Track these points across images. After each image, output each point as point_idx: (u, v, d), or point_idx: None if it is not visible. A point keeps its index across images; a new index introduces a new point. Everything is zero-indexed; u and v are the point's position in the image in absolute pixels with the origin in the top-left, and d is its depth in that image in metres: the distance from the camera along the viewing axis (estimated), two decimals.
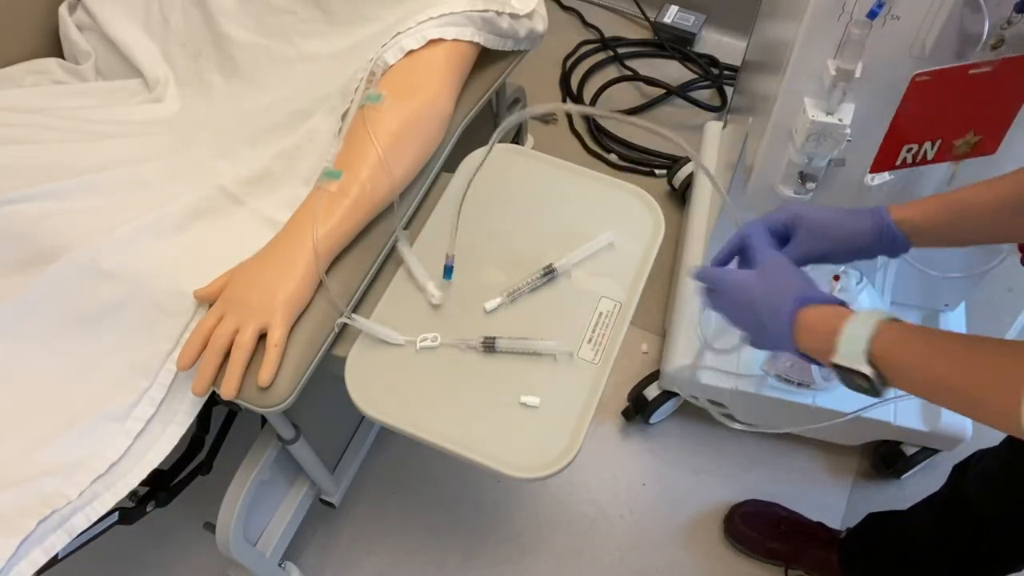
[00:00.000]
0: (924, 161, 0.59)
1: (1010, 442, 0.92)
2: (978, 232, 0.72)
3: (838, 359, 0.62)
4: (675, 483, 1.41)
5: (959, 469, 1.03)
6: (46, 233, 0.85)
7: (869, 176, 0.93)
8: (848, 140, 0.90)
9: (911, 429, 1.26)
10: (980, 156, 0.58)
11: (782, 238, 0.77)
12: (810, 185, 0.98)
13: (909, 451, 1.33)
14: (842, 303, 0.66)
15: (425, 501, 1.39)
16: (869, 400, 0.63)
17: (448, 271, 0.90)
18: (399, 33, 0.92)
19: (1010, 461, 0.92)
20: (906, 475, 1.38)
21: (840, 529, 1.28)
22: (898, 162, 0.59)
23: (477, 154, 1.04)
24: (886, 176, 0.93)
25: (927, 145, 0.58)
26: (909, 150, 0.58)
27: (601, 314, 0.90)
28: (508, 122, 0.78)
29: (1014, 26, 0.79)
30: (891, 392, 0.62)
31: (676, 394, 1.37)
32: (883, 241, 0.72)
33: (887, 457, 1.36)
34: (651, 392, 1.38)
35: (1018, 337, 1.21)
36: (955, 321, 1.34)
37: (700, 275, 0.77)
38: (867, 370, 0.60)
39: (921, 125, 0.56)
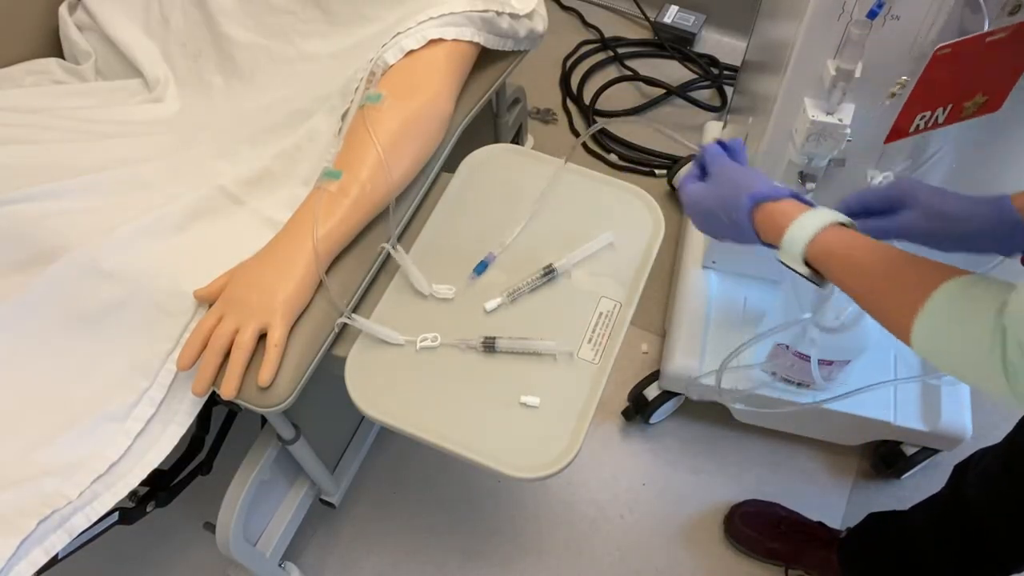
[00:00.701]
0: (935, 125, 0.60)
1: (1010, 441, 0.92)
2: None
3: (781, 257, 0.68)
4: (675, 483, 1.41)
5: (959, 469, 1.03)
6: (46, 233, 0.85)
7: (869, 173, 0.93)
8: (848, 140, 0.90)
9: (911, 429, 1.26)
10: (985, 114, 0.59)
11: (886, 212, 0.76)
12: (810, 185, 0.98)
13: (909, 451, 1.33)
14: (795, 195, 0.70)
15: (425, 501, 1.39)
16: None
17: (482, 266, 0.91)
18: (399, 33, 0.92)
19: (1010, 460, 0.92)
20: (906, 475, 1.38)
21: (840, 529, 1.28)
22: (911, 129, 0.60)
23: (477, 154, 1.04)
24: (890, 177, 0.93)
25: (939, 111, 0.59)
26: (922, 117, 0.59)
27: (601, 314, 0.90)
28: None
29: None
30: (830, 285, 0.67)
31: (676, 394, 1.37)
32: (1003, 237, 0.71)
33: (887, 457, 1.36)
34: (651, 392, 1.38)
35: None
36: None
37: (680, 188, 0.80)
38: (803, 270, 0.67)
39: (937, 94, 0.57)
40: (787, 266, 0.69)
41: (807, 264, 0.67)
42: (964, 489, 1.00)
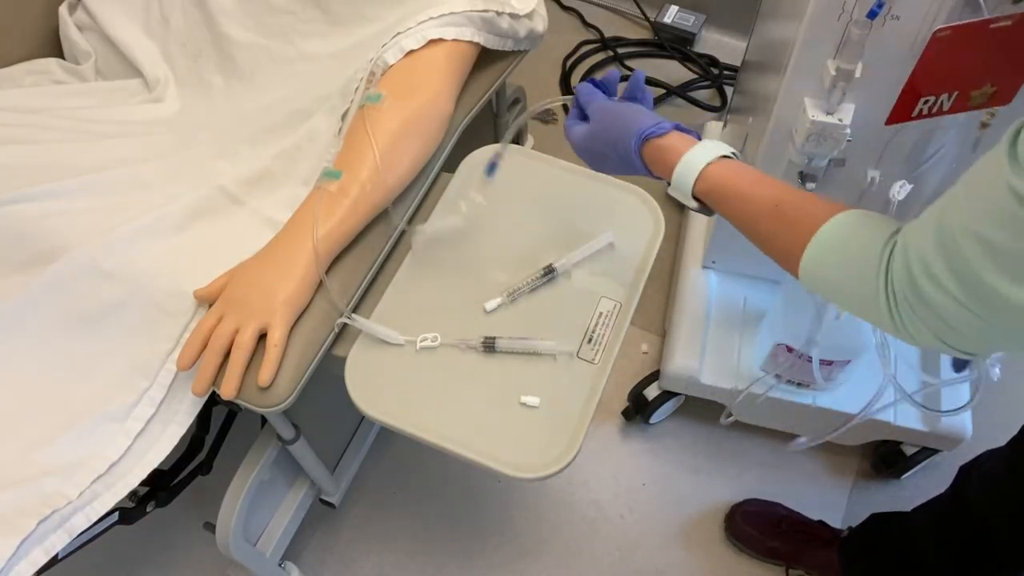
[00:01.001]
0: (940, 112, 0.60)
1: (1015, 443, 0.92)
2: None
3: (671, 192, 0.71)
4: (675, 483, 1.41)
5: (964, 471, 1.03)
6: (46, 233, 0.85)
7: (869, 173, 0.93)
8: (848, 140, 0.90)
9: (911, 429, 1.26)
10: (995, 106, 0.59)
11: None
12: (810, 185, 0.98)
13: (909, 451, 1.33)
14: (678, 127, 0.72)
15: (425, 501, 1.39)
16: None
17: (492, 168, 0.90)
18: (399, 33, 0.92)
19: (1014, 462, 0.92)
20: (906, 475, 1.38)
21: (841, 529, 1.28)
22: (914, 113, 0.60)
23: (477, 154, 1.04)
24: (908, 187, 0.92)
25: (944, 97, 0.59)
26: (926, 102, 0.59)
27: (601, 314, 0.90)
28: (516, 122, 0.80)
29: None
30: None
31: (676, 394, 1.37)
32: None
33: (887, 457, 1.36)
34: (651, 392, 1.38)
35: None
36: None
37: (566, 133, 0.82)
38: (693, 204, 0.70)
39: (939, 78, 0.57)
40: (677, 198, 0.71)
41: (696, 198, 0.69)
42: (967, 491, 1.00)
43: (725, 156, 0.69)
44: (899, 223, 0.57)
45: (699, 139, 0.71)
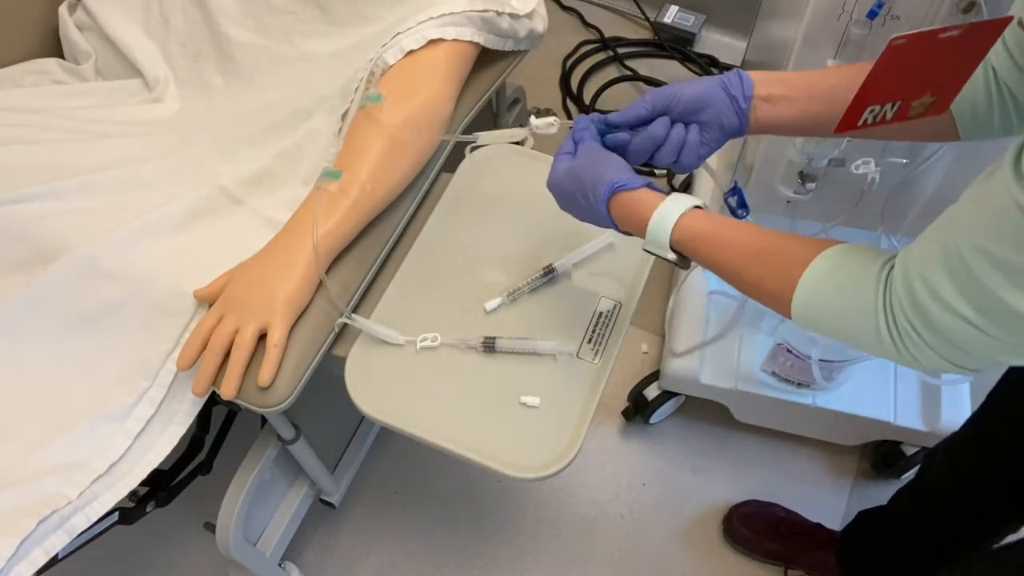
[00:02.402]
0: (883, 121, 0.60)
1: (973, 421, 0.95)
2: (820, 120, 0.72)
3: (646, 246, 0.70)
4: (675, 483, 1.41)
5: (928, 455, 1.06)
6: (46, 233, 0.85)
7: (855, 165, 0.93)
8: (848, 140, 0.90)
9: (911, 429, 1.26)
10: (932, 116, 0.59)
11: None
12: (810, 185, 0.98)
13: (909, 451, 1.33)
14: (649, 184, 0.71)
15: (425, 501, 1.39)
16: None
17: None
18: (399, 33, 0.92)
19: (971, 441, 0.94)
20: (906, 475, 1.38)
21: (839, 530, 1.28)
22: (860, 123, 0.60)
23: (478, 154, 1.04)
24: (873, 166, 0.93)
25: (888, 106, 0.59)
26: (871, 111, 0.59)
27: (601, 314, 0.90)
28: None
29: None
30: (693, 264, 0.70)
31: (676, 394, 1.37)
32: (736, 91, 0.73)
33: (887, 457, 1.36)
34: (651, 392, 1.38)
35: None
36: None
37: (553, 163, 0.79)
38: (671, 256, 0.69)
39: (888, 87, 0.57)
40: (653, 254, 0.71)
41: (673, 250, 0.69)
42: (930, 473, 1.03)
43: (697, 207, 0.69)
44: (889, 252, 0.57)
45: (666, 193, 0.71)
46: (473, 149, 0.98)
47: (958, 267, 0.48)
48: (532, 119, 0.84)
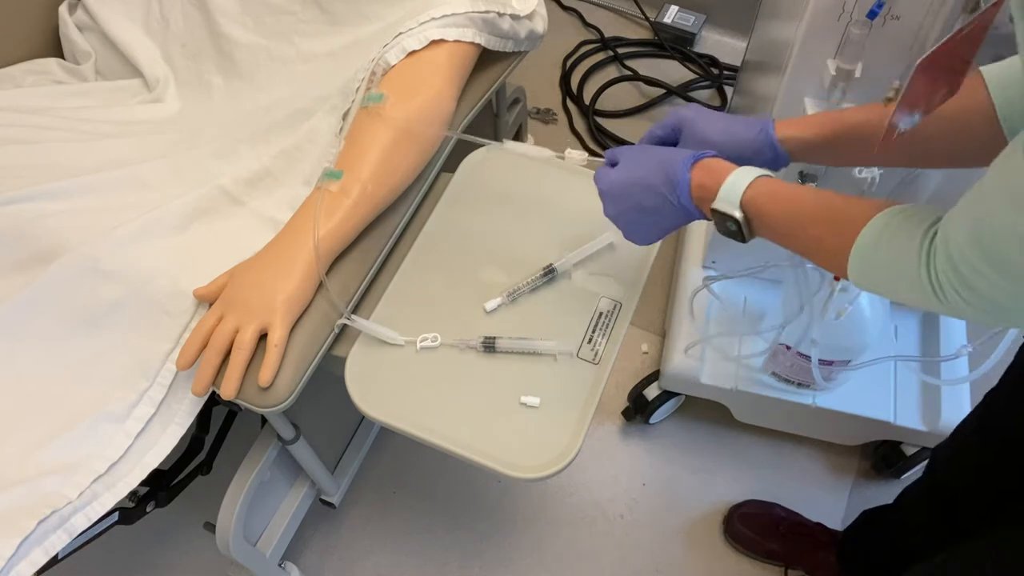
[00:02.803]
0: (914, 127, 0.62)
1: (976, 417, 0.95)
2: (860, 153, 0.76)
3: (717, 204, 0.70)
4: (675, 483, 1.41)
5: (934, 452, 1.06)
6: (46, 233, 0.85)
7: (857, 169, 0.94)
8: None
9: (911, 429, 1.26)
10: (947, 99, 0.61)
11: (671, 143, 0.82)
12: (810, 185, 0.98)
13: (909, 451, 1.33)
14: (716, 155, 0.73)
15: (425, 501, 1.39)
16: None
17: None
18: (401, 33, 0.92)
19: (976, 437, 0.94)
20: (906, 475, 1.38)
21: (839, 530, 1.28)
22: (895, 135, 0.62)
23: (477, 154, 1.04)
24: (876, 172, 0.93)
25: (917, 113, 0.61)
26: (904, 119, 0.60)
27: (601, 314, 0.90)
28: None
29: None
30: (755, 239, 0.72)
31: (676, 394, 1.37)
32: (765, 154, 0.77)
33: (887, 457, 1.36)
34: (651, 392, 1.38)
35: None
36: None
37: (597, 180, 0.80)
38: (738, 214, 0.69)
39: (919, 100, 0.58)
40: (720, 213, 0.70)
41: (742, 210, 0.69)
42: (937, 470, 1.03)
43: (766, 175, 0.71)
44: (939, 212, 0.58)
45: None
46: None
47: (988, 241, 0.50)
48: (569, 151, 0.86)
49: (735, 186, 0.69)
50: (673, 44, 1.99)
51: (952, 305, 0.55)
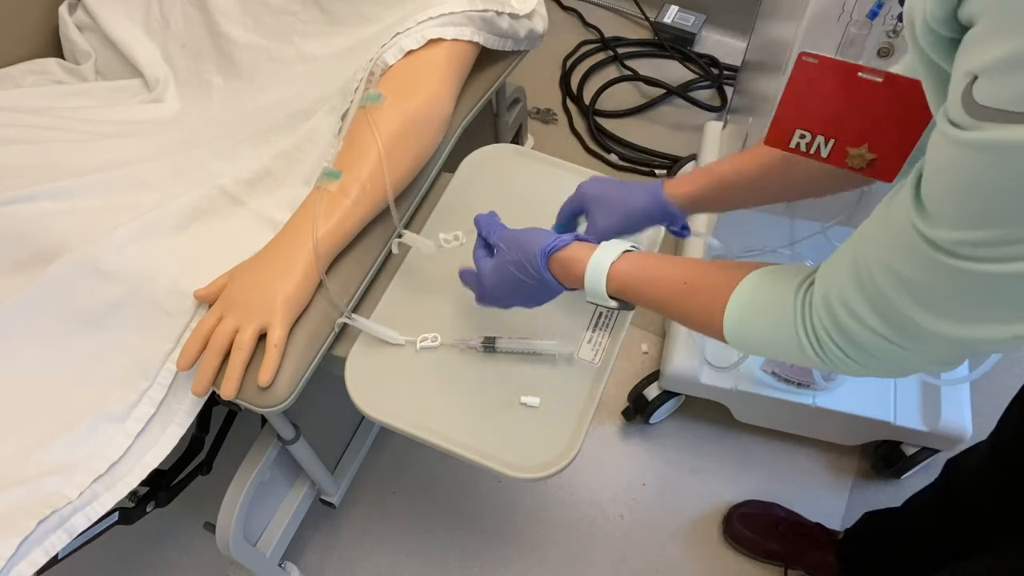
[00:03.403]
0: (818, 156, 0.58)
1: (995, 434, 0.94)
2: (746, 199, 0.79)
3: (591, 298, 0.72)
4: (675, 483, 1.41)
5: (950, 463, 1.04)
6: (46, 233, 0.85)
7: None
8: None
9: (911, 429, 1.26)
10: (875, 179, 0.57)
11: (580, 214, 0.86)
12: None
13: (909, 451, 1.33)
14: (579, 237, 0.74)
15: (425, 501, 1.39)
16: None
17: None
18: (399, 33, 0.92)
19: (995, 453, 0.93)
20: (906, 475, 1.38)
21: (839, 530, 1.28)
22: (791, 144, 0.58)
23: (477, 154, 1.04)
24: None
25: (820, 139, 0.57)
26: (803, 136, 0.57)
27: (601, 314, 0.90)
28: None
29: (900, 36, 0.79)
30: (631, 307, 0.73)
31: (676, 394, 1.37)
32: (660, 215, 0.80)
33: (887, 457, 1.36)
34: (651, 392, 1.38)
35: None
36: None
37: (464, 279, 0.83)
38: (613, 304, 0.71)
39: (812, 114, 0.55)
40: (596, 304, 0.72)
41: (613, 298, 0.70)
42: (952, 481, 1.02)
43: (627, 251, 0.70)
44: (808, 269, 0.58)
45: (595, 243, 0.73)
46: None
47: (867, 280, 0.49)
48: (440, 235, 0.92)
49: (596, 280, 0.70)
50: (673, 44, 1.99)
51: (830, 358, 0.54)
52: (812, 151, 0.58)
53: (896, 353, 0.50)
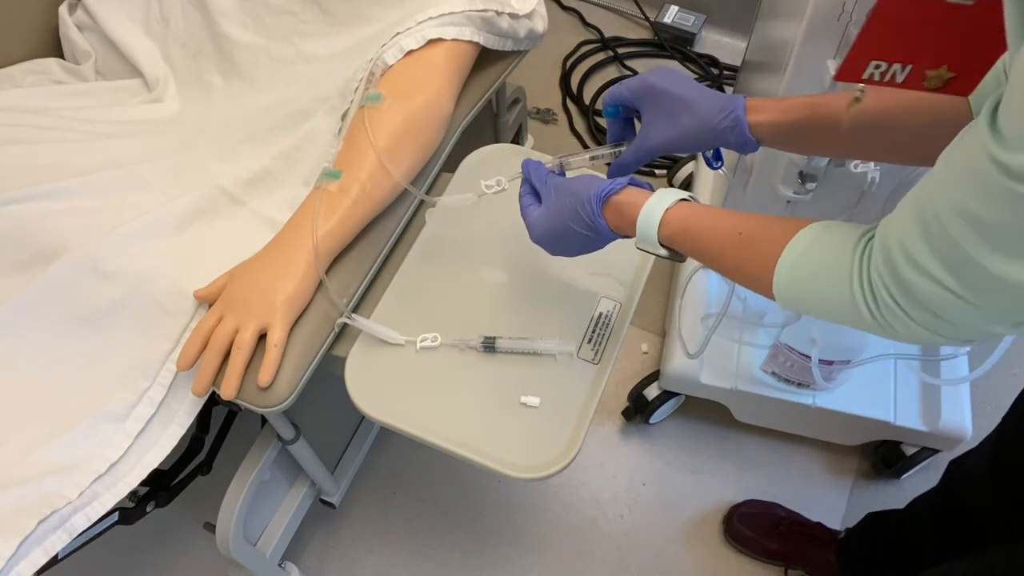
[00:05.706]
0: (893, 82, 0.57)
1: (996, 437, 0.94)
2: (827, 141, 0.72)
3: (640, 245, 0.71)
4: (675, 483, 1.41)
5: (952, 465, 1.04)
6: (46, 233, 0.85)
7: (854, 164, 0.93)
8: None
9: (911, 429, 1.26)
10: (953, 95, 0.56)
11: (626, 118, 0.80)
12: (810, 185, 0.98)
13: (909, 451, 1.33)
14: (632, 182, 0.72)
15: (425, 501, 1.39)
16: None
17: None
18: (398, 33, 0.92)
19: (996, 455, 0.93)
20: (906, 475, 1.38)
21: (839, 529, 1.28)
22: (865, 75, 0.57)
23: (477, 154, 1.04)
24: (873, 165, 0.92)
25: (896, 67, 0.56)
26: (878, 67, 0.56)
27: (601, 314, 0.90)
28: None
29: None
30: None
31: (676, 394, 1.37)
32: (736, 138, 0.72)
33: (887, 457, 1.36)
34: (651, 392, 1.38)
35: None
36: None
37: (524, 217, 0.80)
38: (663, 252, 0.70)
39: (892, 43, 0.55)
40: (646, 251, 0.71)
41: (663, 246, 0.69)
42: (954, 484, 1.02)
43: (683, 200, 0.69)
44: (868, 225, 0.56)
45: (652, 190, 0.72)
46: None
47: (934, 228, 0.47)
48: (482, 182, 0.88)
49: (648, 223, 0.68)
50: (673, 44, 1.99)
51: (885, 317, 0.52)
52: (886, 79, 0.58)
53: (959, 309, 0.47)
